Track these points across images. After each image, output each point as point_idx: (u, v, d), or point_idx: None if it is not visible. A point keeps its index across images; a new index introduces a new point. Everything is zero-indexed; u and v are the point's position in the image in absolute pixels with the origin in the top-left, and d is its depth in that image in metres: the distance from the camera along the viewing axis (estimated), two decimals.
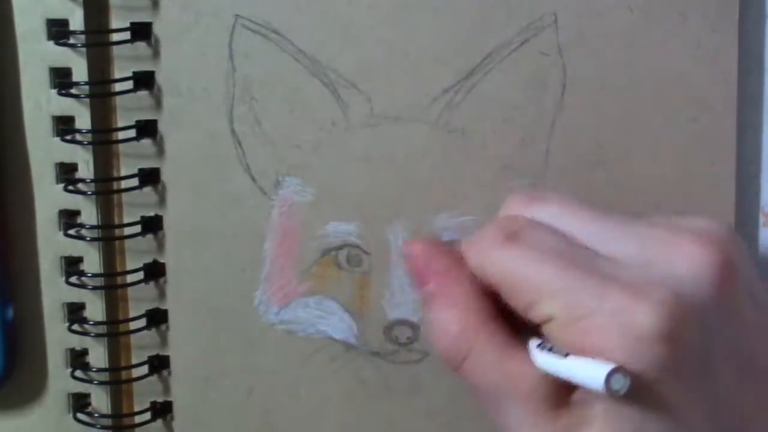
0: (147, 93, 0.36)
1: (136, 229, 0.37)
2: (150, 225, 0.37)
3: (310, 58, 0.36)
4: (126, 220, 0.37)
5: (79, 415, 0.38)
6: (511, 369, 0.28)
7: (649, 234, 0.28)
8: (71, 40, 0.35)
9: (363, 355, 0.37)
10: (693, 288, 0.26)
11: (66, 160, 0.36)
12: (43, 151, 0.36)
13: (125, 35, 0.36)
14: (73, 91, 0.36)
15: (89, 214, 0.37)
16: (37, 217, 0.37)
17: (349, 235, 0.36)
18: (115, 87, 0.36)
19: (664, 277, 0.26)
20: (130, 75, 0.36)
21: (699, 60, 0.35)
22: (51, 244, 0.37)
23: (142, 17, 0.36)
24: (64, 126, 0.36)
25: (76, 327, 0.37)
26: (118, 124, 0.36)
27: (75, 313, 0.38)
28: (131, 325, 0.37)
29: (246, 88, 0.36)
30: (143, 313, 0.37)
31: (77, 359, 0.38)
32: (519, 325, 0.29)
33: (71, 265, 0.37)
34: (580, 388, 0.27)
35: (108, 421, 0.38)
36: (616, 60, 0.35)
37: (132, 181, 0.36)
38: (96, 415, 0.38)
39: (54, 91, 0.36)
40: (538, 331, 0.28)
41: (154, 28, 0.36)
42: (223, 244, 0.37)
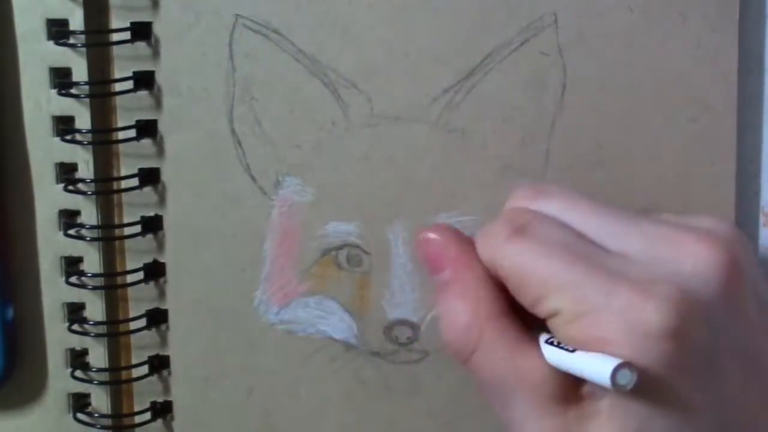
0: (147, 93, 0.36)
1: (136, 229, 0.37)
2: (150, 225, 0.37)
3: (310, 58, 0.36)
4: (126, 220, 0.37)
5: (79, 415, 0.38)
6: (520, 363, 0.28)
7: (656, 231, 0.28)
8: (71, 40, 0.35)
9: (363, 355, 0.37)
10: (699, 286, 0.26)
11: (66, 160, 0.36)
12: (43, 151, 0.36)
13: (125, 35, 0.35)
14: (73, 91, 0.36)
15: (89, 214, 0.37)
16: (37, 217, 0.37)
17: (349, 235, 0.36)
18: (115, 87, 0.36)
19: (670, 275, 0.26)
20: (130, 75, 0.36)
21: (699, 60, 0.35)
22: (51, 244, 0.37)
23: (142, 17, 0.36)
24: (64, 126, 0.36)
25: (76, 327, 0.37)
26: (118, 124, 0.36)
27: (75, 313, 0.38)
28: (131, 325, 0.37)
29: (246, 88, 0.36)
30: (143, 313, 0.37)
31: (77, 359, 0.38)
32: (530, 319, 0.29)
33: (71, 265, 0.37)
34: (587, 383, 0.27)
35: (108, 421, 0.38)
36: (616, 60, 0.35)
37: (132, 181, 0.36)
38: (96, 415, 0.38)
39: (54, 91, 0.36)
40: (547, 326, 0.28)
41: (154, 28, 0.36)
42: (223, 244, 0.37)
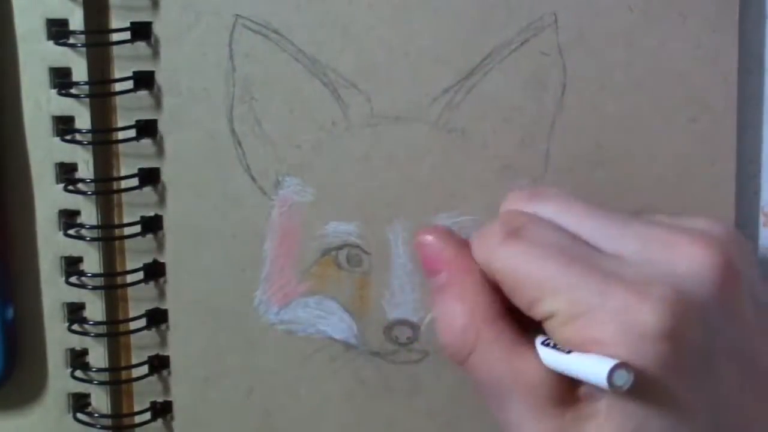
0: (147, 93, 0.36)
1: (136, 229, 0.37)
2: (150, 225, 0.37)
3: (310, 58, 0.36)
4: (126, 220, 0.37)
5: (79, 415, 0.38)
6: (517, 365, 0.28)
7: (651, 233, 0.28)
8: (71, 40, 0.35)
9: (363, 355, 0.37)
10: (694, 287, 0.26)
11: (66, 160, 0.36)
12: (43, 151, 0.36)
13: (125, 35, 0.35)
14: (73, 91, 0.36)
15: (89, 214, 0.37)
16: (37, 217, 0.37)
17: (349, 235, 0.36)
18: (115, 87, 0.36)
19: (665, 276, 0.27)
20: (130, 75, 0.36)
21: (699, 60, 0.35)
22: (51, 244, 0.37)
23: (142, 17, 0.36)
24: (64, 126, 0.36)
25: (76, 327, 0.37)
26: (118, 124, 0.36)
27: (75, 313, 0.38)
28: (131, 325, 0.37)
29: (246, 88, 0.36)
30: (143, 313, 0.37)
31: (77, 359, 0.38)
32: (526, 321, 0.29)
33: (71, 265, 0.37)
34: (584, 384, 0.27)
35: (108, 421, 0.38)
36: (616, 60, 0.35)
37: (132, 181, 0.36)
38: (96, 415, 0.38)
39: (54, 91, 0.36)
40: (543, 328, 0.28)
41: (154, 28, 0.36)
42: (223, 244, 0.37)
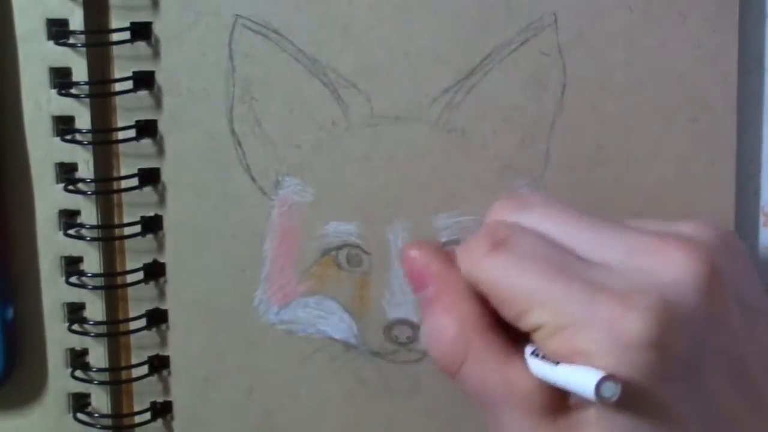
0: (147, 93, 0.36)
1: (136, 229, 0.37)
2: (150, 225, 0.37)
3: (310, 58, 0.36)
4: (126, 220, 0.37)
5: (79, 415, 0.38)
6: (508, 374, 0.28)
7: (637, 240, 0.28)
8: (71, 40, 0.35)
9: (363, 355, 0.37)
10: (680, 295, 0.26)
11: (66, 160, 0.36)
12: (43, 151, 0.36)
13: (125, 35, 0.35)
14: (73, 91, 0.36)
15: (89, 214, 0.37)
16: (37, 217, 0.37)
17: (349, 235, 0.36)
18: (115, 87, 0.36)
19: (651, 284, 0.26)
20: (130, 75, 0.36)
21: (699, 60, 0.35)
22: (51, 244, 0.37)
23: (142, 17, 0.36)
24: (64, 126, 0.36)
25: (76, 327, 0.37)
26: (118, 124, 0.36)
27: (75, 313, 0.38)
28: (131, 325, 0.37)
29: (246, 88, 0.36)
30: (143, 313, 0.37)
31: (77, 359, 0.38)
32: (517, 330, 0.29)
33: (71, 265, 0.37)
34: (574, 394, 0.27)
35: (108, 421, 0.38)
36: (616, 60, 0.35)
37: (132, 181, 0.36)
38: (96, 415, 0.38)
39: (54, 91, 0.36)
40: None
41: (154, 28, 0.36)
42: (223, 244, 0.37)
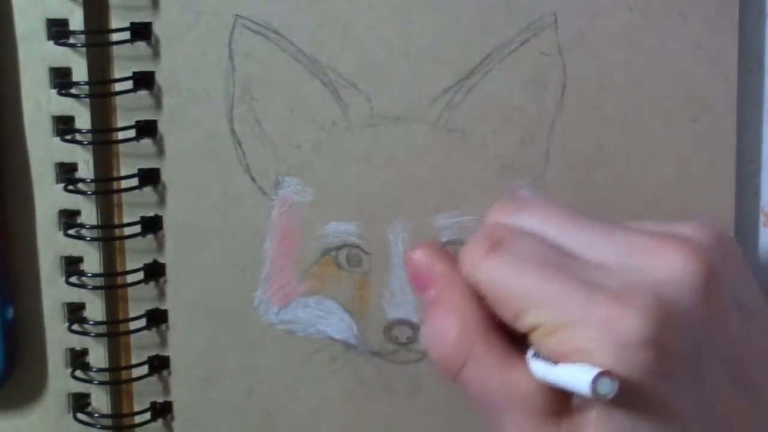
0: (147, 93, 0.36)
1: (136, 229, 0.37)
2: (150, 225, 0.37)
3: (310, 58, 0.36)
4: (126, 220, 0.37)
5: (79, 415, 0.38)
6: (510, 377, 0.28)
7: (634, 241, 0.28)
8: (71, 40, 0.35)
9: (363, 355, 0.37)
10: (677, 294, 0.26)
11: (66, 160, 0.36)
12: (43, 151, 0.36)
13: (125, 35, 0.35)
14: (73, 91, 0.36)
15: (89, 214, 0.37)
16: (37, 217, 0.37)
17: (349, 235, 0.36)
18: (115, 87, 0.36)
19: (648, 284, 0.26)
20: (130, 75, 0.36)
21: (699, 60, 0.35)
22: (51, 244, 0.37)
23: (142, 17, 0.36)
24: (64, 126, 0.36)
25: (76, 327, 0.37)
26: (118, 124, 0.36)
27: (75, 313, 0.38)
28: (131, 325, 0.37)
29: (246, 88, 0.36)
30: (143, 313, 0.37)
31: (77, 359, 0.38)
32: (518, 334, 0.29)
33: (71, 265, 0.37)
34: (576, 395, 0.27)
35: (108, 421, 0.38)
36: (616, 60, 0.35)
37: (132, 181, 0.36)
38: (96, 415, 0.38)
39: (54, 91, 0.36)
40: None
41: (154, 28, 0.36)
42: (223, 244, 0.37)
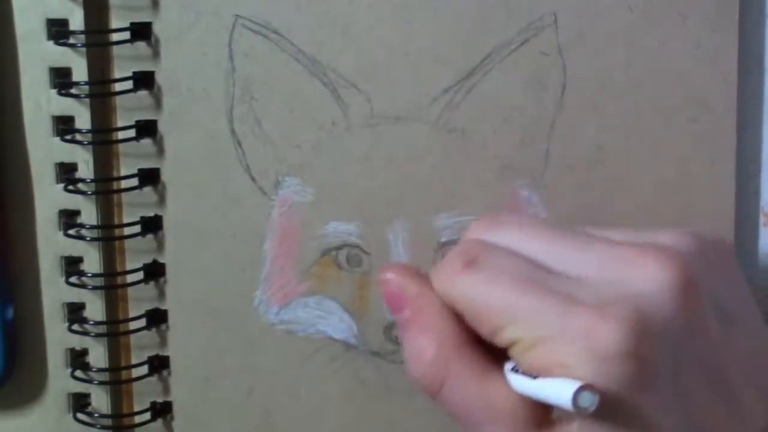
0: (147, 93, 0.36)
1: (136, 229, 0.37)
2: (150, 225, 0.37)
3: (310, 58, 0.36)
4: (126, 220, 0.37)
5: (79, 415, 0.38)
6: (489, 392, 0.28)
7: (611, 252, 0.28)
8: (71, 40, 0.35)
9: (363, 355, 0.37)
10: (655, 305, 0.26)
11: (66, 160, 0.36)
12: (43, 151, 0.36)
13: (125, 35, 0.36)
14: (73, 91, 0.36)
15: (89, 214, 0.37)
16: (37, 217, 0.37)
17: (349, 235, 0.36)
18: (115, 87, 0.36)
19: (625, 295, 0.26)
20: (130, 75, 0.36)
21: (699, 60, 0.35)
22: (51, 244, 0.37)
23: (142, 17, 0.36)
24: (64, 126, 0.36)
25: (76, 327, 0.37)
26: (118, 124, 0.36)
27: (75, 313, 0.38)
28: (131, 325, 0.37)
29: (246, 88, 0.36)
30: (143, 313, 0.37)
31: (77, 359, 0.38)
32: (496, 349, 0.28)
33: (71, 265, 0.37)
34: (556, 407, 0.27)
35: (108, 421, 0.38)
36: (616, 60, 0.35)
37: (132, 181, 0.36)
38: (96, 415, 0.38)
39: (54, 91, 0.36)
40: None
41: (154, 28, 0.36)
42: (223, 244, 0.37)
